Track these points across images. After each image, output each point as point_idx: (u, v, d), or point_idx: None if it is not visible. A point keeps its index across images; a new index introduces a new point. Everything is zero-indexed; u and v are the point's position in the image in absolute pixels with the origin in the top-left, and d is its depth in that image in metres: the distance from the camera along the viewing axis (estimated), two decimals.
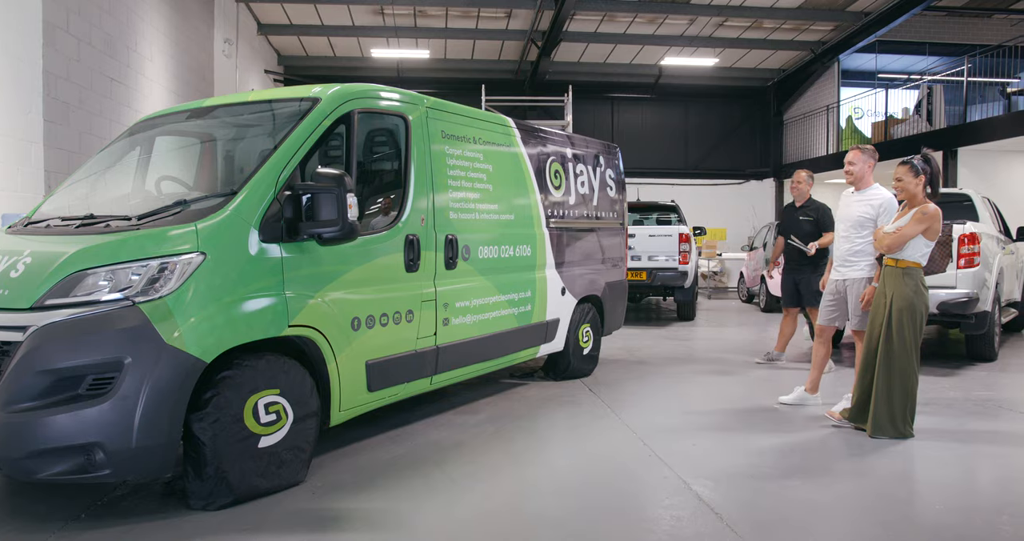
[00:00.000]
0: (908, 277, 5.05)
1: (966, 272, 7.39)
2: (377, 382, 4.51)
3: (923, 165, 5.05)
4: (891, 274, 5.11)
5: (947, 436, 5.18)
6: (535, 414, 5.71)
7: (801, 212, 7.65)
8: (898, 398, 5.06)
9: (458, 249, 5.20)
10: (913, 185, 5.07)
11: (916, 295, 5.02)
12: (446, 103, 5.37)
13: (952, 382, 7.04)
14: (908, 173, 5.08)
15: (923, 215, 4.98)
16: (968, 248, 7.39)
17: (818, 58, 17.73)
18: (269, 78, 16.77)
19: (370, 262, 4.44)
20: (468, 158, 5.46)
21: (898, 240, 5.01)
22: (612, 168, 7.75)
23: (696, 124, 20.13)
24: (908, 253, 5.04)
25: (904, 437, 5.06)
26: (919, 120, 15.16)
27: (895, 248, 5.04)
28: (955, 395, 6.46)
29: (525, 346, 6.17)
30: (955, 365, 7.95)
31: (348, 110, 4.35)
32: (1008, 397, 6.45)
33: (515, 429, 5.27)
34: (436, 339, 5.00)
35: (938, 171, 5.09)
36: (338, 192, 3.85)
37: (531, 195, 6.27)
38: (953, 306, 7.34)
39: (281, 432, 3.83)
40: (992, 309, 7.85)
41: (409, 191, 4.80)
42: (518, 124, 6.31)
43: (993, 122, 12.58)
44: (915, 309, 5.02)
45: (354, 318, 4.29)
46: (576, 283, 6.87)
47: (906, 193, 5.12)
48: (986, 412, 5.89)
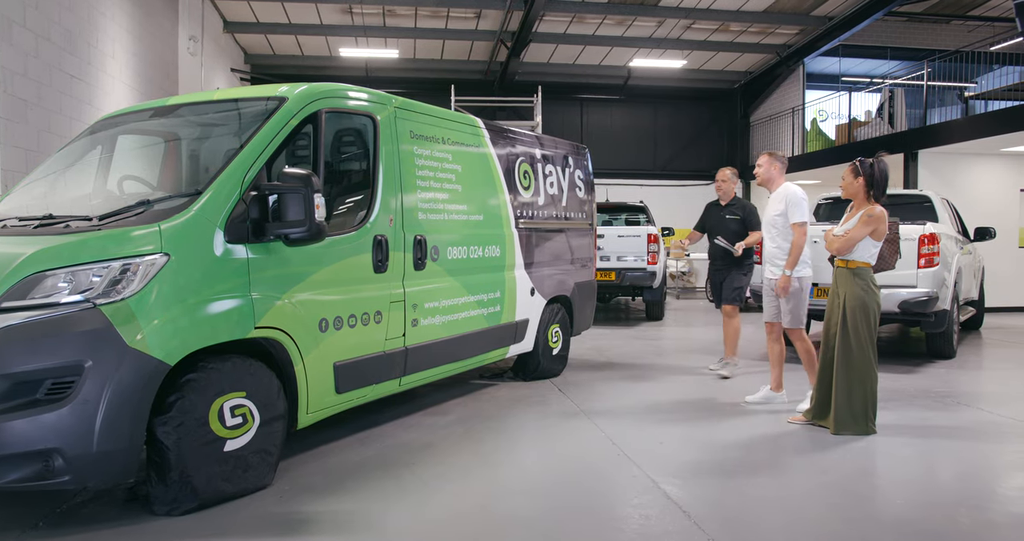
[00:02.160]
0: (858, 277, 5.18)
1: (926, 272, 7.53)
2: (345, 384, 4.47)
3: (864, 167, 5.20)
4: (842, 275, 5.24)
5: (908, 432, 5.26)
6: (505, 415, 5.71)
7: (727, 211, 7.42)
8: (858, 395, 5.15)
9: (427, 250, 5.18)
10: (851, 185, 5.24)
11: (867, 293, 5.15)
12: (415, 103, 5.34)
13: (913, 379, 7.17)
14: (849, 173, 5.28)
15: (869, 217, 5.12)
16: (928, 248, 7.53)
17: (783, 61, 17.95)
18: (235, 77, 16.54)
19: (338, 263, 4.40)
20: (437, 158, 5.44)
21: (847, 243, 5.14)
22: (581, 169, 7.77)
23: (665, 125, 20.27)
24: (857, 254, 5.18)
25: (867, 433, 5.14)
26: (881, 123, 15.42)
27: (845, 250, 5.17)
28: (916, 392, 6.57)
29: (494, 347, 6.16)
30: (916, 362, 8.09)
31: (315, 109, 4.31)
32: (966, 393, 6.58)
33: (485, 430, 5.26)
34: (405, 340, 4.97)
35: (882, 175, 5.19)
36: (305, 192, 3.81)
37: (500, 195, 6.26)
38: (914, 305, 7.47)
39: (247, 435, 3.78)
40: (951, 308, 8.01)
41: (377, 191, 4.77)
42: (487, 124, 6.30)
43: (951, 125, 12.85)
44: (867, 307, 5.14)
45: (322, 319, 4.25)
46: (545, 283, 6.87)
47: (848, 192, 5.31)
48: (946, 408, 6.00)
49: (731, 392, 6.48)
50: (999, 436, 5.20)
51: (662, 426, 5.42)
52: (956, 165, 13.50)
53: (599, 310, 13.57)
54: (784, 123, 18.70)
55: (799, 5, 15.59)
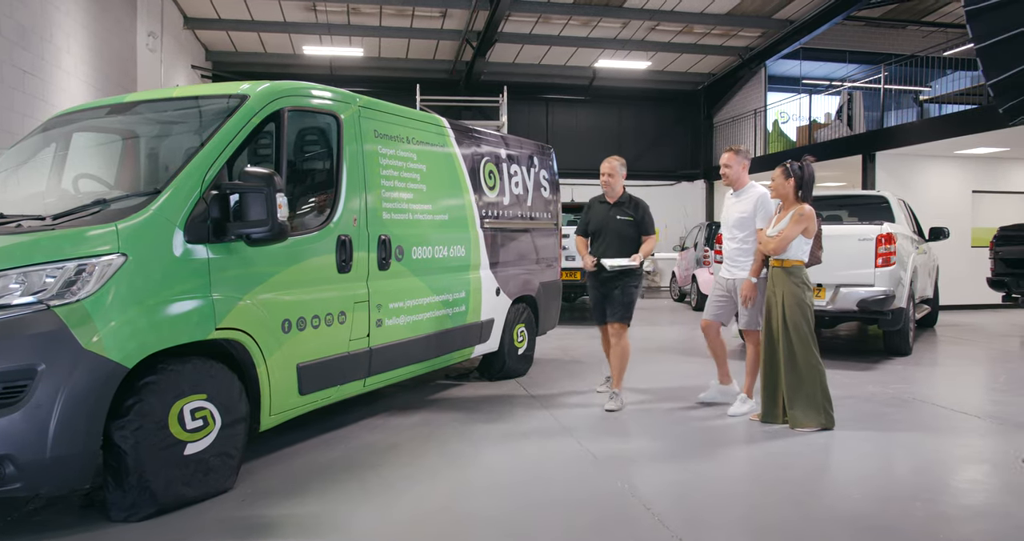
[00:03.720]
0: (793, 275, 5.31)
1: (883, 271, 7.66)
2: (309, 385, 4.43)
3: (795, 169, 5.36)
4: (778, 275, 5.36)
5: (867, 427, 5.36)
6: (470, 415, 5.69)
7: (619, 210, 6.07)
8: (811, 388, 5.25)
9: (391, 249, 5.15)
10: (782, 186, 5.39)
11: (803, 290, 5.30)
12: (379, 102, 5.31)
13: (871, 376, 7.30)
14: (780, 175, 5.41)
15: (800, 216, 5.27)
16: (885, 248, 7.66)
17: (746, 63, 18.18)
18: (196, 74, 16.28)
19: (301, 263, 4.36)
20: (401, 158, 5.41)
21: (782, 242, 5.28)
22: (546, 169, 7.79)
23: (629, 126, 20.41)
24: (791, 253, 5.32)
25: (827, 427, 5.22)
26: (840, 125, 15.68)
27: (780, 250, 5.30)
28: (874, 389, 6.69)
29: (460, 347, 6.15)
30: (873, 360, 8.24)
31: (278, 108, 4.26)
32: (922, 389, 6.72)
33: (450, 430, 5.24)
34: (369, 341, 4.94)
35: (810, 177, 5.38)
36: (267, 191, 3.77)
37: (465, 195, 6.25)
38: (871, 303, 7.61)
39: (208, 438, 3.73)
40: (907, 306, 8.18)
41: (341, 191, 4.73)
42: (452, 124, 6.28)
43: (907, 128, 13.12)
44: (804, 303, 5.28)
45: (284, 320, 4.20)
46: (511, 283, 6.87)
47: (778, 193, 5.46)
48: (903, 404, 6.12)
49: (694, 390, 6.53)
50: (952, 430, 5.32)
51: (627, 424, 5.44)
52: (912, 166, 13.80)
53: (564, 309, 13.61)
54: (747, 124, 18.94)
55: (761, 8, 15.80)
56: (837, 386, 6.45)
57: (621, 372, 6.02)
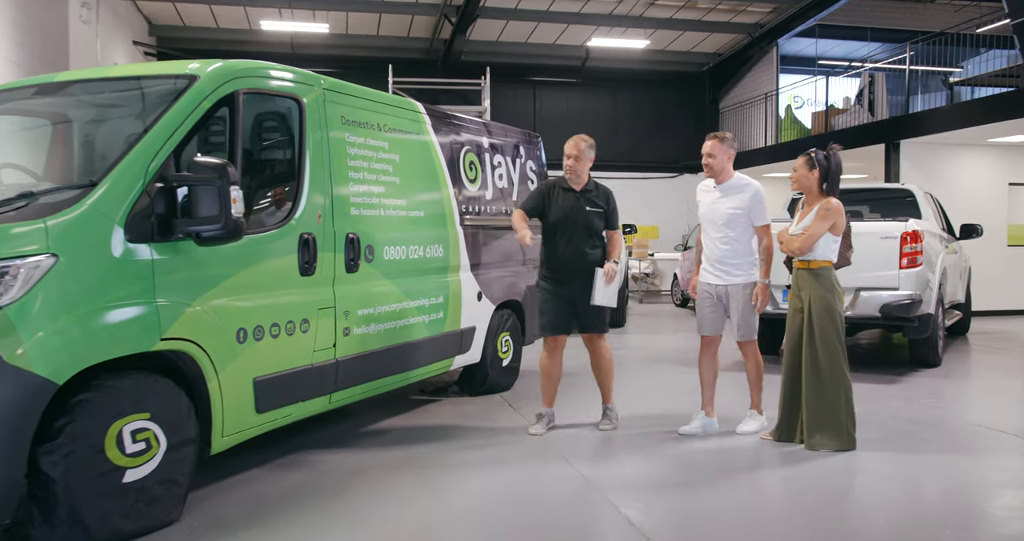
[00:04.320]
0: (822, 277, 5.31)
1: (908, 272, 7.71)
2: (267, 402, 4.41)
3: (820, 158, 5.35)
4: (804, 277, 5.36)
5: (891, 446, 5.39)
6: (449, 434, 5.68)
7: (587, 200, 5.80)
8: (834, 406, 5.25)
9: (360, 249, 5.14)
10: (806, 178, 5.37)
11: (832, 294, 5.30)
12: (347, 85, 5.31)
13: (895, 390, 7.35)
14: (804, 165, 5.39)
15: (827, 211, 5.25)
16: (910, 247, 7.71)
17: (756, 42, 18.27)
18: (138, 50, 16.13)
19: (258, 265, 4.35)
20: (372, 147, 5.41)
21: (808, 241, 5.27)
22: (534, 159, 7.80)
23: (626, 112, 20.47)
24: (818, 253, 5.31)
25: (846, 448, 5.24)
26: (861, 110, 15.79)
27: (806, 250, 5.30)
28: (899, 404, 6.74)
29: (437, 358, 6.14)
30: (898, 372, 8.30)
31: (232, 90, 4.24)
32: (953, 404, 6.77)
33: (427, 452, 5.23)
34: (336, 351, 4.93)
35: (837, 168, 5.37)
36: (220, 184, 3.75)
37: (443, 189, 6.25)
38: (895, 308, 7.65)
39: (151, 464, 3.70)
40: (935, 311, 8.23)
41: (304, 184, 4.72)
42: (429, 110, 6.28)
43: (935, 113, 13.19)
44: (834, 309, 5.27)
45: (240, 329, 4.19)
46: (494, 287, 6.88)
47: (800, 185, 5.44)
48: (931, 420, 6.16)
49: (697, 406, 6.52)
50: (987, 450, 5.36)
51: (623, 444, 5.45)
52: (940, 156, 13.88)
53: None
54: (756, 110, 19.03)
55: None
56: (858, 401, 6.43)
57: (610, 385, 5.99)
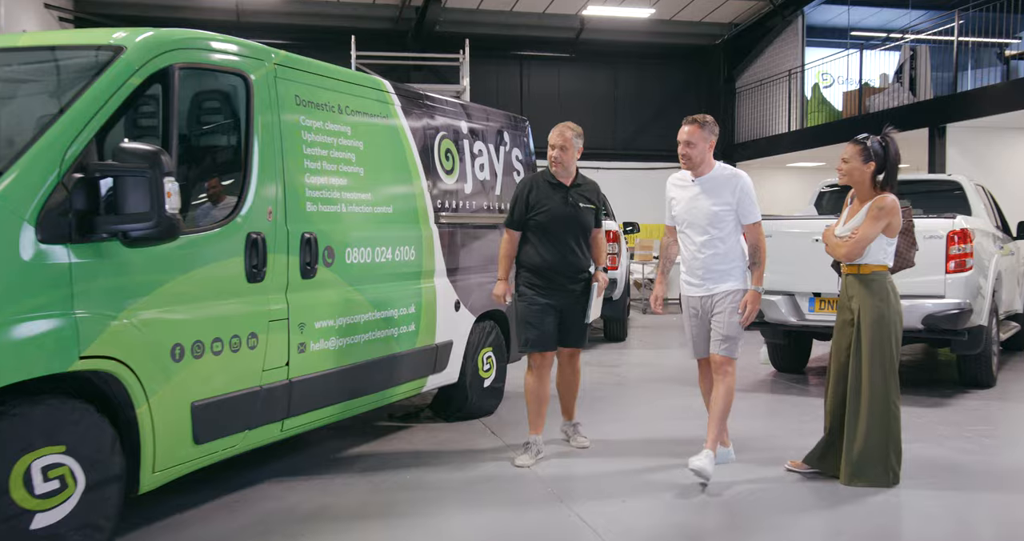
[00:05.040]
0: (875, 284, 5.29)
1: (957, 278, 7.71)
2: (207, 431, 4.39)
3: (877, 148, 5.27)
4: (853, 284, 5.36)
5: (937, 482, 5.40)
6: (422, 466, 5.68)
7: (577, 195, 5.93)
8: (878, 438, 5.24)
9: (318, 252, 5.14)
10: (860, 172, 5.30)
11: (887, 305, 5.26)
12: (302, 59, 5.31)
13: (941, 414, 7.38)
14: (858, 156, 5.30)
15: (880, 210, 5.21)
16: (959, 248, 7.72)
17: (778, 10, 18.38)
18: (51, 16, 15.99)
19: (197, 269, 4.34)
20: (331, 132, 5.41)
21: (857, 247, 5.25)
22: (520, 147, 7.80)
23: (627, 92, 20.53)
24: (871, 256, 5.29)
25: (887, 485, 5.25)
26: (900, 89, 15.86)
27: (855, 255, 5.28)
28: (945, 431, 6.77)
29: (408, 378, 6.14)
30: (945, 393, 8.34)
31: (165, 65, 4.22)
32: (1008, 432, 6.81)
33: (396, 487, 5.22)
34: (289, 371, 4.92)
35: (896, 158, 5.32)
36: (151, 175, 3.72)
37: (415, 181, 6.25)
38: (941, 320, 7.65)
39: (66, 506, 3.67)
40: (988, 323, 8.24)
41: (251, 174, 4.71)
42: (399, 89, 6.28)
43: (989, 92, 13.23)
44: (888, 322, 5.24)
45: (175, 345, 4.17)
46: (474, 295, 6.88)
47: (850, 179, 5.36)
48: (983, 451, 6.19)
49: None
50: None
51: (624, 479, 5.45)
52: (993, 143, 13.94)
53: None
54: (778, 89, 19.12)
55: None
56: None
57: (574, 399, 6.39)
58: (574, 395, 6.31)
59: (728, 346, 5.47)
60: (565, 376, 6.23)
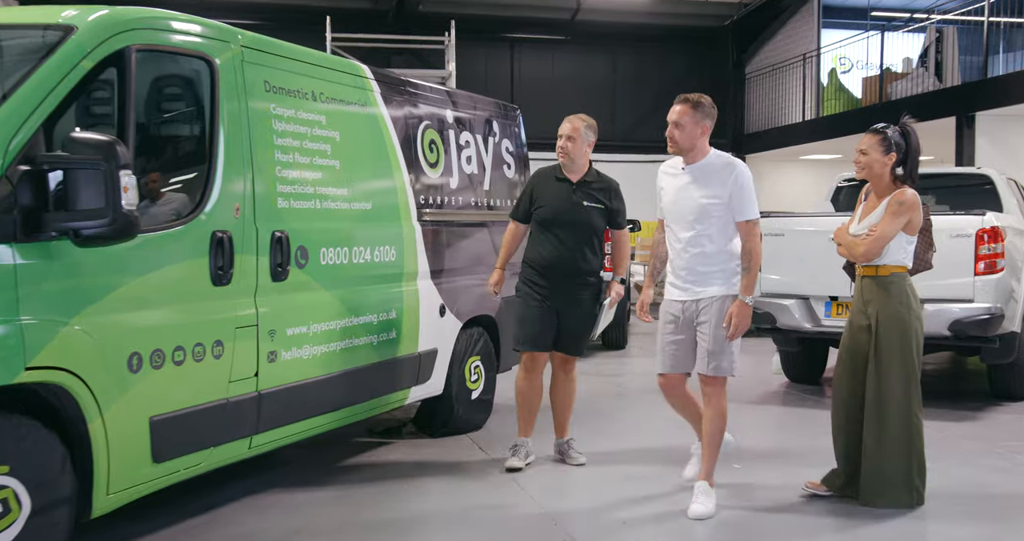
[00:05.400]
0: (895, 286, 5.26)
1: (987, 280, 7.70)
2: (168, 448, 4.37)
3: (897, 138, 5.26)
4: (870, 287, 5.31)
5: (963, 503, 5.39)
6: (404, 487, 5.67)
7: (585, 193, 6.04)
8: (899, 455, 5.21)
9: (290, 252, 5.13)
10: (880, 164, 5.27)
11: (907, 309, 5.24)
12: (272, 41, 5.31)
13: (969, 429, 7.39)
14: (877, 146, 5.27)
15: (900, 205, 5.18)
16: (989, 248, 7.70)
17: None
18: None
19: (157, 271, 4.33)
20: (305, 121, 5.41)
21: (876, 245, 5.20)
22: (510, 138, 7.81)
23: (627, 79, 20.54)
24: (889, 256, 5.25)
25: (910, 506, 5.24)
26: (925, 75, 15.85)
27: (874, 254, 5.23)
28: (973, 447, 6.78)
29: (389, 389, 6.15)
30: (973, 406, 8.35)
31: (120, 46, 4.19)
32: None
33: (375, 510, 5.21)
34: (258, 382, 4.92)
35: (917, 149, 5.32)
36: (105, 167, 3.70)
37: (396, 175, 6.25)
38: (970, 326, 7.64)
39: (10, 532, 3.63)
40: (1022, 330, 8.25)
41: (216, 167, 4.70)
42: (378, 75, 6.29)
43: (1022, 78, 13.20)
44: (909, 328, 5.23)
45: (132, 354, 4.15)
46: (461, 299, 6.89)
47: (868, 172, 5.33)
48: (1016, 469, 6.19)
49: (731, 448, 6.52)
50: None
51: (626, 501, 5.43)
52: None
53: None
54: (792, 75, 19.15)
55: None
56: None
57: (568, 414, 6.32)
58: (567, 408, 6.29)
59: (716, 364, 5.18)
60: (558, 384, 6.26)
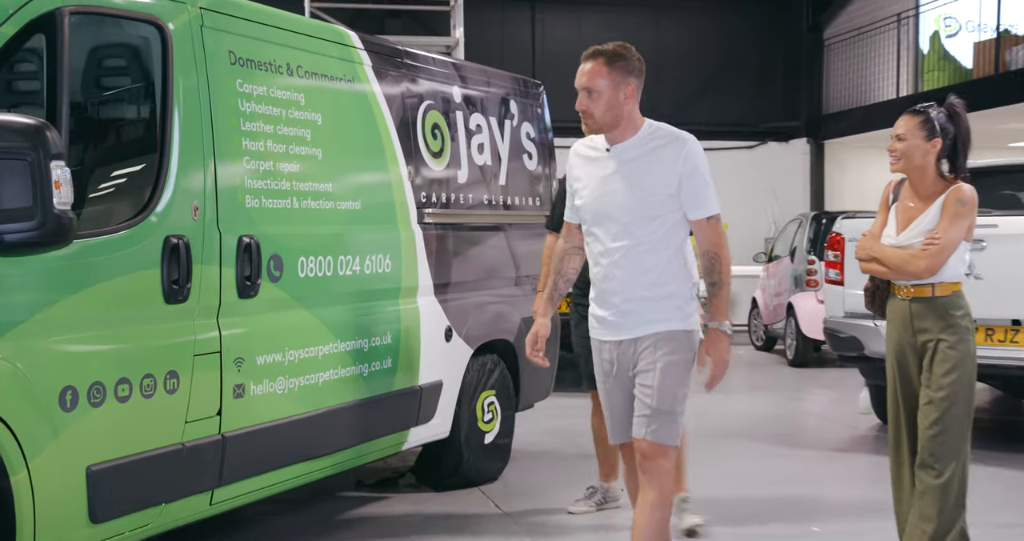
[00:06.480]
0: (952, 311, 5.04)
1: None
2: (109, 506, 4.34)
3: (943, 121, 5.13)
4: (923, 312, 5.07)
5: None
6: None
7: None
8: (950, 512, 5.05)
9: (262, 262, 5.13)
10: (921, 152, 5.10)
11: (962, 336, 5.03)
12: (238, 3, 5.32)
13: None
14: (918, 130, 5.11)
15: (961, 205, 5.01)
16: None
17: None
18: None
19: (97, 286, 4.33)
20: (278, 101, 5.42)
21: (943, 255, 4.98)
22: (532, 120, 7.80)
23: (674, 48, 20.51)
24: (949, 270, 5.05)
25: None
26: None
27: (938, 268, 5.02)
28: None
29: (383, 431, 6.15)
30: None
31: (50, 8, 4.18)
32: None
33: None
34: (221, 423, 4.91)
35: (967, 134, 5.18)
36: (33, 157, 3.70)
37: (392, 167, 6.25)
38: None
39: None
40: None
41: (170, 157, 4.69)
42: (369, 44, 6.30)
43: None
44: (967, 359, 5.02)
45: (65, 389, 4.13)
46: (471, 319, 6.90)
47: (906, 162, 5.15)
48: None
49: (798, 501, 6.49)
50: None
51: None
52: None
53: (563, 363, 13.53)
54: (882, 41, 19.07)
55: None
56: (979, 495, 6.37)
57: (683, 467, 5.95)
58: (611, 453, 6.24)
59: (657, 428, 4.51)
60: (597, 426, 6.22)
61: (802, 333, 13.86)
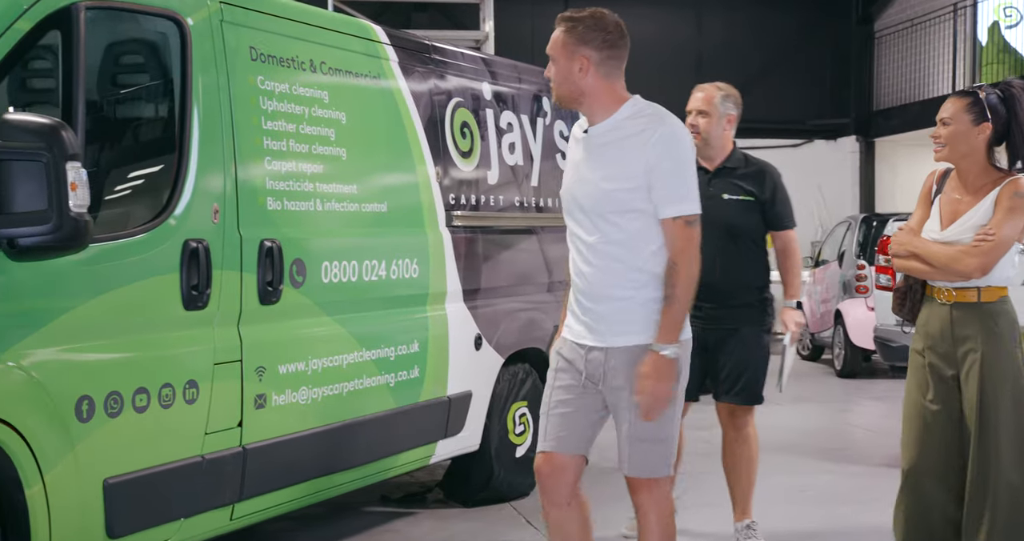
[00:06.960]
0: (1003, 317, 4.84)
1: None
2: (126, 520, 4.37)
3: (995, 103, 4.82)
4: (967, 319, 4.84)
5: None
6: None
7: (727, 183, 5.88)
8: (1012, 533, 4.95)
9: (284, 267, 5.14)
10: (967, 138, 4.82)
11: (1013, 345, 4.82)
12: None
13: None
14: (964, 113, 4.81)
15: (1019, 199, 4.75)
16: None
17: None
18: None
19: (114, 291, 4.35)
20: (301, 99, 5.43)
21: (996, 253, 4.73)
22: (565, 119, 7.77)
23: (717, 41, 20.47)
24: (998, 273, 4.83)
25: None
26: None
27: (990, 267, 4.78)
28: None
29: (410, 444, 6.15)
30: None
31: (67, 3, 4.21)
32: None
33: None
34: (243, 435, 4.93)
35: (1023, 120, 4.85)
36: (48, 158, 3.72)
37: (419, 168, 6.26)
38: None
39: None
40: None
41: (189, 158, 4.71)
42: (395, 39, 6.32)
43: None
44: (1020, 382, 4.82)
45: (82, 399, 4.16)
46: (503, 327, 6.91)
47: (951, 150, 4.88)
48: None
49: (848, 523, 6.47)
50: None
51: None
52: None
53: None
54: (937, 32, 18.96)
55: None
56: None
57: (748, 487, 6.09)
58: (742, 478, 6.10)
59: (643, 457, 4.32)
60: (728, 446, 6.16)
61: (851, 342, 13.81)
